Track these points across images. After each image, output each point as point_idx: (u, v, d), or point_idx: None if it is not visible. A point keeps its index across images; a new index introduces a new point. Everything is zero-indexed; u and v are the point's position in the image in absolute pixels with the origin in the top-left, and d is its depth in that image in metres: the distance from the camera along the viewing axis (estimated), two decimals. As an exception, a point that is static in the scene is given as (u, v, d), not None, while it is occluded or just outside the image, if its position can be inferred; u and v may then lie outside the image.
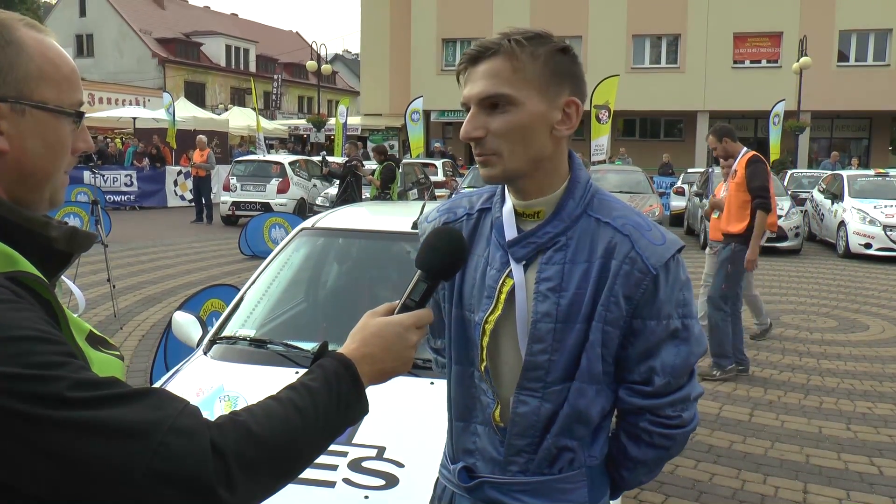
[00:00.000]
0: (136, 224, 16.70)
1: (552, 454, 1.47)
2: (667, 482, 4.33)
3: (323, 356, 1.19)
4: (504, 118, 1.38)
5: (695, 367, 1.49)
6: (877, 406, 5.71)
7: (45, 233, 1.05)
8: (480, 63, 1.39)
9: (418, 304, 1.30)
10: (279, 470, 1.03)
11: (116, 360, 1.13)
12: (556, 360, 1.43)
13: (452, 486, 1.58)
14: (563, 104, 1.42)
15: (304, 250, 3.84)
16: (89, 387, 0.91)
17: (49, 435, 0.87)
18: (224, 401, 2.70)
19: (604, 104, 18.36)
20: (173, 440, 0.91)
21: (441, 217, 1.61)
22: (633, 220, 1.44)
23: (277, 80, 42.24)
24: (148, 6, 47.96)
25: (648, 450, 1.50)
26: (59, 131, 1.09)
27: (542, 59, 1.38)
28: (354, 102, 40.11)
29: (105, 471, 0.89)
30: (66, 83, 1.09)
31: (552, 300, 1.42)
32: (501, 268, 1.47)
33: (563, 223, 1.44)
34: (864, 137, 32.23)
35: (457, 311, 1.54)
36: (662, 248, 1.41)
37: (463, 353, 1.55)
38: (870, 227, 13.40)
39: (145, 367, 6.02)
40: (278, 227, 12.10)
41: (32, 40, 1.06)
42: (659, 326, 1.42)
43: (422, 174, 18.18)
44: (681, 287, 1.44)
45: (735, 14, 29.27)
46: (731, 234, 6.29)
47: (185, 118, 24.77)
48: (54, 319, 1.00)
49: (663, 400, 1.46)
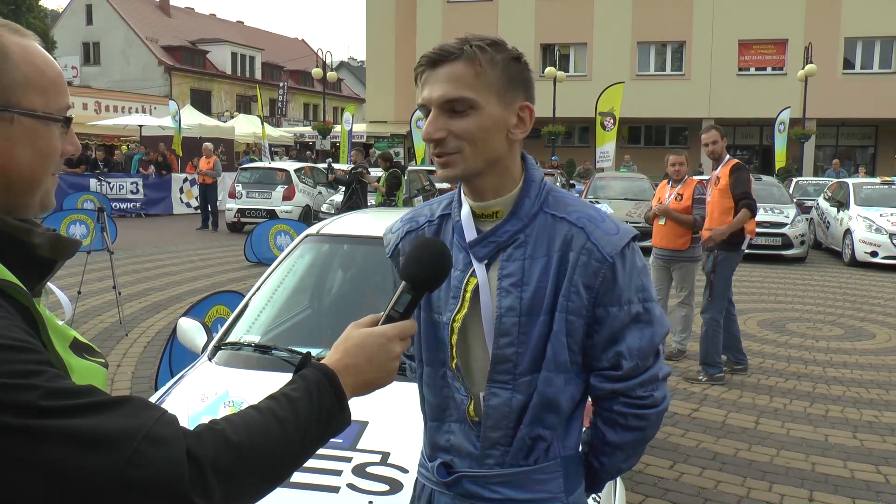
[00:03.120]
0: (141, 231, 16.74)
1: (527, 445, 1.52)
2: (672, 489, 4.32)
3: (305, 366, 1.18)
4: (465, 121, 1.42)
5: (660, 347, 1.55)
6: (883, 414, 5.68)
7: (28, 239, 1.05)
8: (441, 66, 1.43)
9: (402, 316, 1.30)
10: (258, 479, 1.02)
11: (99, 368, 1.13)
12: (523, 351, 1.48)
13: (431, 484, 1.62)
14: (517, 108, 1.48)
15: (309, 257, 3.84)
16: (63, 395, 0.90)
17: (21, 444, 0.87)
18: (229, 406, 2.71)
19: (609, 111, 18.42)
20: (148, 448, 0.91)
21: (404, 226, 1.67)
22: (586, 213, 1.51)
23: (283, 87, 42.40)
24: (154, 14, 48.24)
25: (625, 433, 1.55)
26: (49, 137, 1.09)
27: (500, 66, 1.44)
28: (360, 110, 40.17)
29: (78, 480, 0.88)
30: (52, 88, 1.09)
31: (515, 295, 1.48)
32: (465, 268, 1.53)
33: (521, 221, 1.50)
34: (870, 145, 32.17)
35: (426, 315, 1.59)
36: (616, 238, 1.47)
37: (433, 355, 1.59)
38: (876, 236, 13.36)
39: (150, 373, 6.02)
40: (283, 234, 12.11)
41: (17, 46, 1.05)
42: (621, 312, 1.48)
43: (427, 181, 18.21)
44: (638, 273, 1.49)
45: (740, 21, 29.29)
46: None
47: (190, 126, 24.86)
48: (33, 327, 0.99)
49: (633, 381, 1.51)
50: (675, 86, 30.45)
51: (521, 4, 30.91)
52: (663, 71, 31.46)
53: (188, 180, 21.09)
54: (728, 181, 6.26)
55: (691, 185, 6.69)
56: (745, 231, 6.28)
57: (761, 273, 12.31)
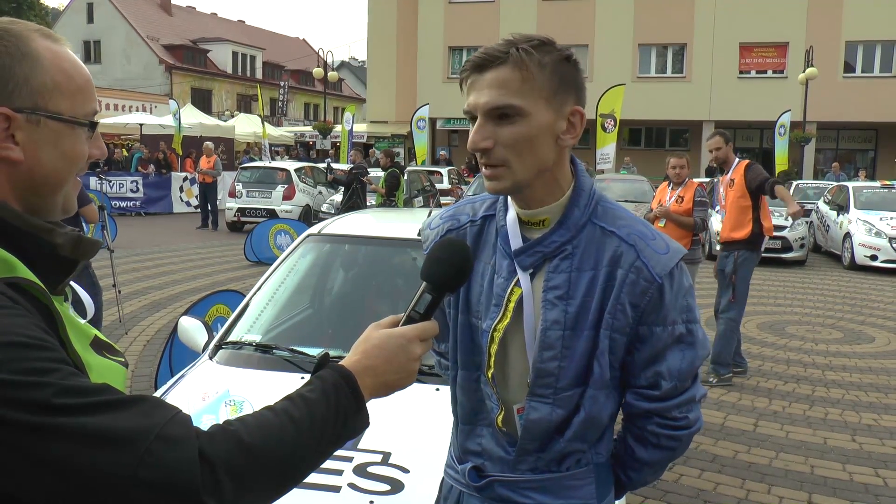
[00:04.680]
0: (141, 230, 16.74)
1: (562, 455, 1.50)
2: (671, 491, 4.32)
3: (323, 367, 1.17)
4: (513, 129, 1.37)
5: (699, 369, 1.53)
6: (882, 418, 5.69)
7: (50, 239, 1.06)
8: (487, 71, 1.37)
9: (423, 317, 1.28)
10: (272, 480, 1.02)
11: (118, 367, 1.13)
12: (566, 366, 1.45)
13: (461, 486, 1.60)
14: (568, 113, 1.41)
15: (310, 257, 3.85)
16: (77, 393, 0.91)
17: (34, 441, 0.87)
18: (230, 405, 2.71)
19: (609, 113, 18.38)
20: (160, 448, 0.91)
21: (444, 224, 1.61)
22: (637, 229, 1.46)
23: (284, 86, 42.36)
24: (156, 13, 48.22)
25: (655, 451, 1.54)
26: (74, 141, 1.10)
27: (549, 69, 1.37)
28: (360, 110, 40.15)
29: (90, 478, 0.88)
30: (80, 94, 1.10)
31: (560, 308, 1.44)
32: (509, 276, 1.47)
33: (570, 232, 1.44)
34: (870, 149, 32.16)
35: (463, 317, 1.55)
36: (666, 258, 1.43)
37: (469, 358, 1.56)
38: (876, 239, 13.37)
39: (150, 371, 6.03)
40: (283, 234, 12.12)
41: (47, 51, 1.07)
42: (665, 332, 1.45)
43: (427, 182, 18.20)
44: (684, 294, 1.46)
45: (741, 24, 29.27)
46: (734, 241, 6.33)
47: (191, 125, 24.86)
48: (52, 325, 1.00)
49: (670, 403, 1.49)
50: (676, 88, 30.44)
51: (522, 6, 30.90)
52: (664, 73, 31.44)
53: (188, 179, 21.10)
54: (744, 180, 6.26)
55: (692, 187, 6.71)
56: (763, 230, 6.31)
57: (761, 276, 12.31)
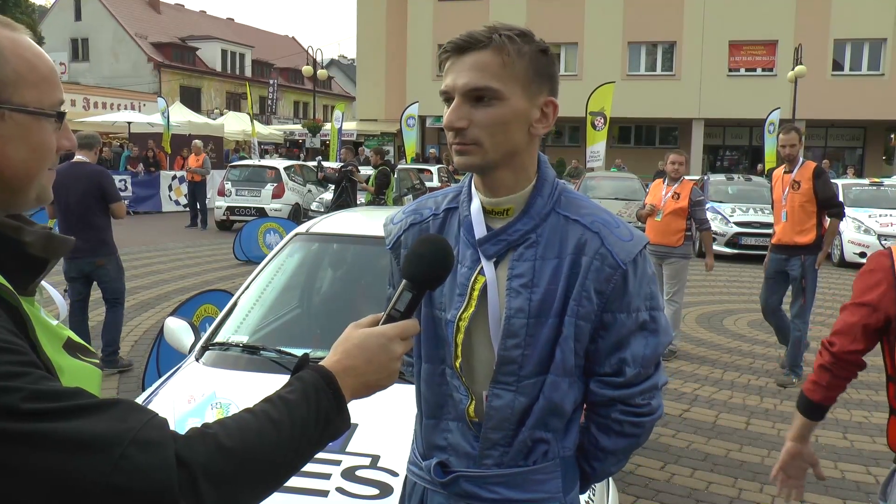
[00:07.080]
0: (130, 229, 16.62)
1: (527, 447, 1.50)
2: (663, 490, 4.30)
3: (303, 368, 1.15)
4: (489, 111, 1.39)
5: (661, 356, 1.55)
6: (873, 415, 5.69)
7: (19, 238, 1.03)
8: (468, 54, 1.40)
9: (404, 315, 1.26)
10: (252, 484, 0.99)
11: (93, 369, 1.11)
12: (530, 354, 1.46)
13: (425, 483, 1.59)
14: (542, 103, 1.45)
15: (299, 256, 3.81)
16: (47, 398, 0.87)
17: (3, 449, 0.84)
18: (216, 408, 2.67)
19: (599, 111, 18.40)
20: (135, 453, 0.88)
21: (407, 218, 1.62)
22: (601, 217, 1.48)
23: (273, 84, 42.21)
24: (144, 10, 47.95)
25: (619, 439, 1.55)
26: (42, 133, 1.06)
27: (527, 57, 1.41)
28: (350, 108, 40.06)
29: (63, 486, 0.85)
30: (44, 84, 1.07)
31: (525, 296, 1.45)
32: (472, 265, 1.49)
33: (533, 220, 1.47)
34: (858, 147, 32.34)
35: (427, 311, 1.55)
36: (630, 245, 1.45)
37: (433, 352, 1.56)
38: (865, 237, 13.41)
39: (137, 373, 5.97)
40: (273, 233, 12.07)
41: (6, 40, 1.03)
42: (629, 319, 1.47)
43: (417, 179, 18.17)
44: (648, 281, 1.49)
45: (730, 22, 29.37)
46: (798, 246, 6.34)
47: (180, 123, 24.72)
48: (21, 328, 0.97)
49: (633, 389, 1.50)
50: (666, 86, 30.50)
51: (512, 4, 30.88)
52: (654, 71, 31.51)
53: (177, 178, 20.98)
54: (812, 185, 6.24)
55: (687, 185, 6.71)
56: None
57: (751, 273, 12.32)
